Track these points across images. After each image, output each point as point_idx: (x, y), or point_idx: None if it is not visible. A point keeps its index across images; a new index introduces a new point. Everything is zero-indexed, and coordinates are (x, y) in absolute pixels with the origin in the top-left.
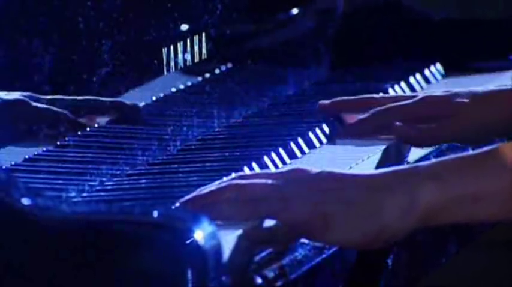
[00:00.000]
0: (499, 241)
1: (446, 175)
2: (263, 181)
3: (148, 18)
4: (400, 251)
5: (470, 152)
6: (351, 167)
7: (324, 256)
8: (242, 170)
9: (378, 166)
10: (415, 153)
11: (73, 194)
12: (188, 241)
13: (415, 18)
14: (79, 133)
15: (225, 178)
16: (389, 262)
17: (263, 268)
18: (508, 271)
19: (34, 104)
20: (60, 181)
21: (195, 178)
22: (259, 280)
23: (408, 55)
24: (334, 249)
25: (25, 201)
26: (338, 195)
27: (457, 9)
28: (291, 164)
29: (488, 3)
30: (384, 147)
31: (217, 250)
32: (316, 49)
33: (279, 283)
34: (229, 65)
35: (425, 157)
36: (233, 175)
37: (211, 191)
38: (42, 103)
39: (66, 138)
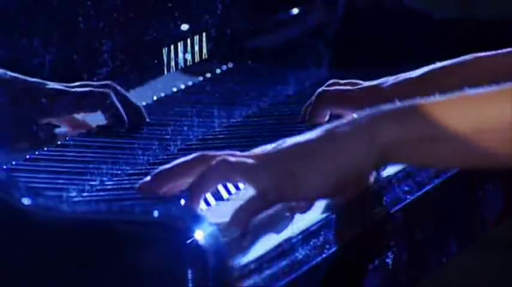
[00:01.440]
0: (499, 241)
1: (406, 115)
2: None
3: (148, 18)
4: (400, 251)
5: (432, 97)
6: None
7: (324, 255)
8: None
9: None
10: None
11: (73, 193)
12: (188, 241)
13: (415, 18)
14: (80, 133)
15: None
16: (389, 261)
17: (263, 268)
18: (508, 271)
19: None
20: (60, 181)
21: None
22: (258, 280)
23: (408, 55)
24: (334, 249)
25: (25, 201)
26: (299, 151)
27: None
28: None
29: (488, 3)
30: None
31: (218, 249)
32: (316, 49)
33: (279, 283)
34: (230, 65)
35: None
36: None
37: (177, 165)
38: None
39: (67, 138)
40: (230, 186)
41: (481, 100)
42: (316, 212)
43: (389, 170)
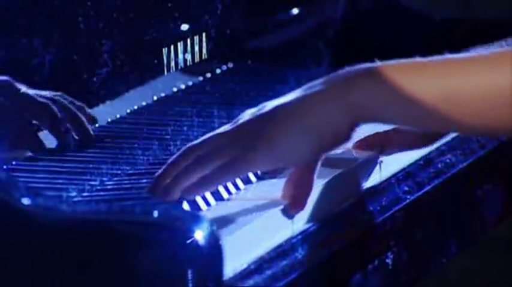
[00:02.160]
0: (499, 241)
1: (377, 75)
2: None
3: (148, 18)
4: (400, 251)
5: (409, 59)
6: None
7: (323, 255)
8: None
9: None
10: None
11: (73, 193)
12: (188, 241)
13: (415, 18)
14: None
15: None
16: (389, 262)
17: (263, 268)
18: (508, 271)
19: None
20: (60, 181)
21: None
22: (259, 280)
23: (408, 55)
24: (333, 249)
25: (25, 201)
26: (275, 114)
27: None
28: None
29: (488, 4)
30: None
31: (218, 249)
32: (316, 49)
33: (280, 283)
34: (230, 65)
35: (424, 158)
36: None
37: (171, 164)
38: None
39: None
40: (230, 186)
41: (453, 67)
42: (315, 213)
43: (389, 170)
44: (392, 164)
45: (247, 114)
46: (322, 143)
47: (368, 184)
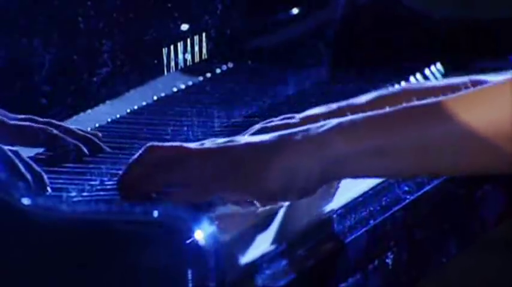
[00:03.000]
0: (499, 241)
1: (353, 128)
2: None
3: (148, 18)
4: (400, 251)
5: (381, 110)
6: None
7: (323, 255)
8: None
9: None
10: None
11: (73, 193)
12: (188, 241)
13: (415, 18)
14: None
15: None
16: (389, 262)
17: (263, 268)
18: (508, 271)
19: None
20: (60, 181)
21: None
22: (259, 280)
23: (408, 55)
24: (333, 249)
25: (25, 201)
26: (248, 150)
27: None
28: None
29: (489, 3)
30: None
31: (218, 249)
32: (316, 49)
33: (280, 283)
34: (230, 65)
35: None
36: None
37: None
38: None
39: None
40: None
41: (425, 116)
42: (315, 212)
43: None
44: None
45: (219, 141)
46: (291, 192)
47: (368, 184)
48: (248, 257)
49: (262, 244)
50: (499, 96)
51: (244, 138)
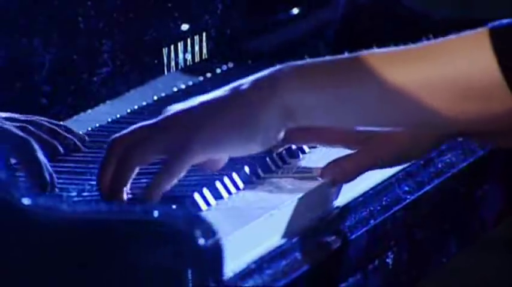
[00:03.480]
0: (499, 241)
1: (311, 74)
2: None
3: (148, 17)
4: (400, 251)
5: (340, 56)
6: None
7: (324, 255)
8: (243, 167)
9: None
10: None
11: (74, 193)
12: (188, 241)
13: (414, 18)
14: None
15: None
16: (390, 261)
17: (263, 268)
18: (508, 271)
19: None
20: (60, 181)
21: (196, 177)
22: (259, 280)
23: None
24: (333, 248)
25: (25, 201)
26: (203, 107)
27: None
28: (290, 164)
29: (488, 3)
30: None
31: (218, 249)
32: (316, 49)
33: (280, 283)
34: (230, 65)
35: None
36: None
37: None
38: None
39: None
40: (230, 186)
41: (388, 62)
42: (315, 212)
43: (390, 170)
44: None
45: (174, 108)
46: (254, 141)
47: (368, 184)
48: (248, 257)
49: (262, 245)
50: (456, 53)
51: (201, 97)
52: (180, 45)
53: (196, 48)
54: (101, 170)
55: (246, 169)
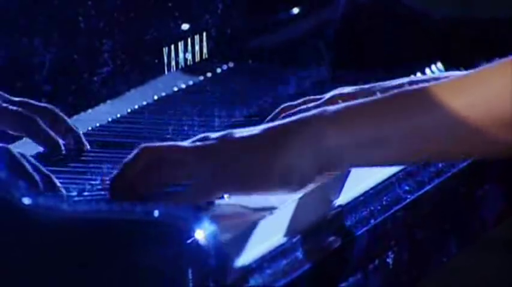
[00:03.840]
0: (499, 241)
1: (347, 118)
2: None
3: (149, 17)
4: (400, 250)
5: (375, 96)
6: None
7: (324, 255)
8: None
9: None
10: None
11: (74, 193)
12: (189, 240)
13: (415, 17)
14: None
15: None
16: (390, 261)
17: (264, 267)
18: (508, 271)
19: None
20: (61, 180)
21: None
22: (259, 279)
23: (409, 54)
24: (334, 248)
25: (26, 200)
26: (243, 144)
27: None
28: None
29: (489, 2)
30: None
31: (218, 249)
32: (317, 48)
33: (280, 282)
34: (230, 65)
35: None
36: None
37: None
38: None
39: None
40: None
41: (417, 100)
42: (315, 212)
43: (390, 170)
44: None
45: (211, 136)
46: (288, 185)
47: (368, 183)
48: (248, 256)
49: (262, 244)
50: (490, 81)
51: (238, 132)
52: (181, 44)
53: (197, 47)
54: (122, 171)
55: None
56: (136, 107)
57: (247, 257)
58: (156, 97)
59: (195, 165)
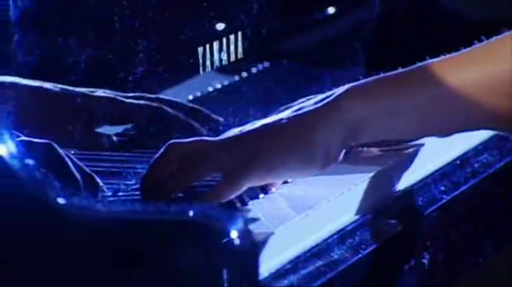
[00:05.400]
0: None
1: (367, 90)
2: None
3: (184, 17)
4: (436, 251)
5: (395, 71)
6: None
7: (359, 255)
8: None
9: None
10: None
11: (109, 193)
12: (224, 241)
13: (451, 18)
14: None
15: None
16: (426, 262)
17: (298, 268)
18: None
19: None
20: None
21: None
22: (293, 280)
23: (444, 55)
24: (369, 249)
25: (61, 200)
26: (266, 131)
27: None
28: None
29: None
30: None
31: (253, 249)
32: (352, 48)
33: (315, 283)
34: (265, 64)
35: (461, 158)
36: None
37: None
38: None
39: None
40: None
41: (442, 68)
42: (351, 212)
43: (426, 170)
44: (428, 164)
45: (235, 130)
46: (314, 161)
47: (404, 183)
48: (283, 257)
49: (297, 245)
50: (497, 52)
51: (260, 122)
52: (216, 44)
53: (232, 47)
54: (151, 170)
55: None
56: None
57: (282, 257)
58: (190, 97)
59: (222, 158)
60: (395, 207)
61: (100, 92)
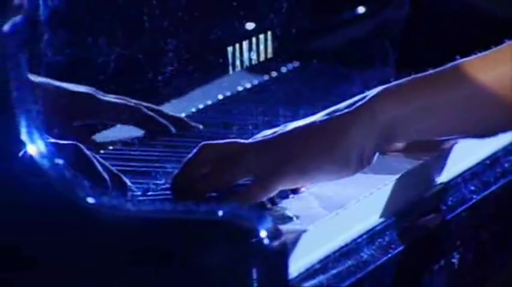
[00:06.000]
0: None
1: (404, 90)
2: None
3: (213, 16)
4: (466, 251)
5: (427, 72)
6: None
7: (389, 255)
8: None
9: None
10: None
11: (138, 193)
12: (253, 240)
13: (481, 17)
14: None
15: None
16: (455, 262)
17: (328, 267)
18: None
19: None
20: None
21: None
22: (322, 279)
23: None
24: (399, 249)
25: (90, 200)
26: (299, 134)
27: None
28: None
29: None
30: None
31: (283, 249)
32: (382, 48)
33: (344, 283)
34: (295, 64)
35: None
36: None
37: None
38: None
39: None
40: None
41: (474, 67)
42: (381, 212)
43: (456, 170)
44: (458, 163)
45: (267, 132)
46: (348, 164)
47: (433, 183)
48: (313, 257)
49: (327, 244)
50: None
51: (293, 125)
52: (245, 44)
53: (262, 47)
54: (184, 170)
55: None
56: (200, 106)
57: (311, 257)
58: (220, 97)
59: (255, 161)
60: (424, 207)
61: (81, 88)
